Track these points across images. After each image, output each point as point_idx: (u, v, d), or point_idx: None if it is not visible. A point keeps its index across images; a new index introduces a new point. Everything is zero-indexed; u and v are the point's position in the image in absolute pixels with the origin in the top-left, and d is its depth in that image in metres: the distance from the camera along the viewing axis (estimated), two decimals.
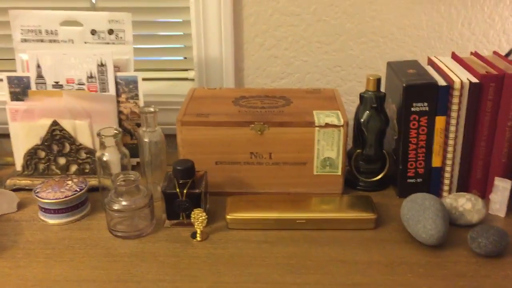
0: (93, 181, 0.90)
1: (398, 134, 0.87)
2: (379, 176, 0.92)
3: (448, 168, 0.86)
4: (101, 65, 0.94)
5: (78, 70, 0.94)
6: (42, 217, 0.84)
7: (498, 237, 0.73)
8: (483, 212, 0.80)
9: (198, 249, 0.76)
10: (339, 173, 0.88)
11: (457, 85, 0.81)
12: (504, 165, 0.86)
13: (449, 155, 0.85)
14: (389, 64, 0.94)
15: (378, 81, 0.88)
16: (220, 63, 1.09)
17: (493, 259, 0.73)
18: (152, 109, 0.85)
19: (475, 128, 0.84)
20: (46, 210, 0.82)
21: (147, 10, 1.11)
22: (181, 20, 1.12)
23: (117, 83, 0.95)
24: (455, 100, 0.82)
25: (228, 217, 0.81)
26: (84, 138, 0.94)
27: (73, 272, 0.72)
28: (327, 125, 0.85)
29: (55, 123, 0.92)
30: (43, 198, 0.81)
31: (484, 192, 0.88)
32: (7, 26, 0.98)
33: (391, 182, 0.94)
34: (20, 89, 0.95)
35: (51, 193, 0.82)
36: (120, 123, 0.97)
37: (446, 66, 0.88)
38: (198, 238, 0.78)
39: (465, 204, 0.80)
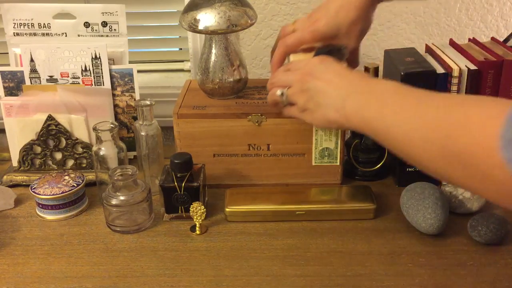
0: (90, 176, 0.90)
1: None
2: (378, 166, 0.91)
3: None
4: (96, 58, 0.93)
5: (72, 64, 0.93)
6: (39, 213, 0.83)
7: (498, 224, 0.72)
8: (482, 199, 0.80)
9: (198, 243, 0.76)
10: (338, 163, 0.87)
11: (455, 72, 0.80)
12: None
13: None
14: (387, 52, 0.92)
15: (376, 69, 0.87)
16: None
17: (494, 247, 0.73)
18: (148, 102, 0.84)
19: None
20: (43, 206, 0.82)
21: (141, 1, 1.10)
22: (175, 10, 1.11)
23: (112, 76, 0.94)
24: (454, 87, 0.81)
25: (227, 209, 0.80)
26: (80, 132, 0.93)
27: (72, 268, 0.71)
28: None
29: (50, 118, 0.91)
30: (40, 194, 0.81)
31: None
32: None
33: (390, 171, 0.93)
34: (14, 84, 0.94)
35: (48, 188, 0.81)
36: (116, 117, 0.96)
37: (444, 53, 0.87)
38: (197, 232, 0.78)
39: (465, 192, 0.80)
